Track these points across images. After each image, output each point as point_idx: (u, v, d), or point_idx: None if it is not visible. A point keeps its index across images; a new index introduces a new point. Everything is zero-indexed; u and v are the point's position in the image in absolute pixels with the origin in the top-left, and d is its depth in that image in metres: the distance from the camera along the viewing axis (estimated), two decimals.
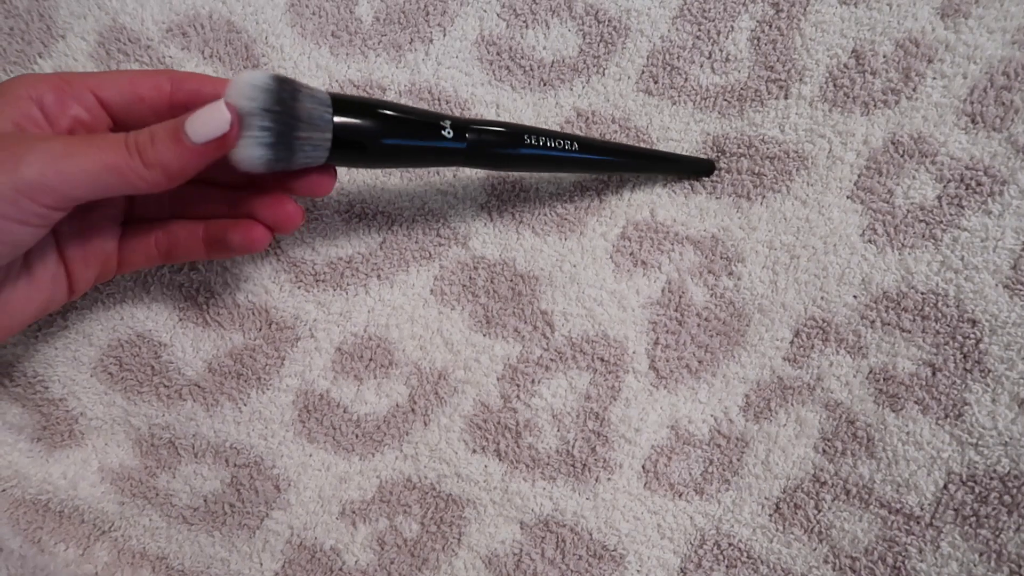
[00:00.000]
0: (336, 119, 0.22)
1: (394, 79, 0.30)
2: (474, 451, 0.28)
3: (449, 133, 0.25)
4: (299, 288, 0.29)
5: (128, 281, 0.29)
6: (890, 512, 0.26)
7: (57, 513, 0.28)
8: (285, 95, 0.22)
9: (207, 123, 0.21)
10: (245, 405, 0.29)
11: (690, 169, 0.30)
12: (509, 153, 0.26)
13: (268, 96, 0.21)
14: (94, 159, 0.20)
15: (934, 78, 0.29)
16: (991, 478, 0.25)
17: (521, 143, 0.26)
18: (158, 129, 0.21)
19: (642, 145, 0.30)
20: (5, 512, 0.28)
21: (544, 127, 0.29)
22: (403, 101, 0.30)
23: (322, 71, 0.30)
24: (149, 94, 0.23)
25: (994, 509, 0.25)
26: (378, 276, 0.29)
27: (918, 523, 0.26)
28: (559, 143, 0.27)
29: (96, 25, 0.30)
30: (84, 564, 0.28)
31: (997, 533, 0.25)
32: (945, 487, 0.26)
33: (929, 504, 0.26)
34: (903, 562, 0.25)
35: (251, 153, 0.22)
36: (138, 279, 0.29)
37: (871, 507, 0.26)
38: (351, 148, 0.23)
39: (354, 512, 0.28)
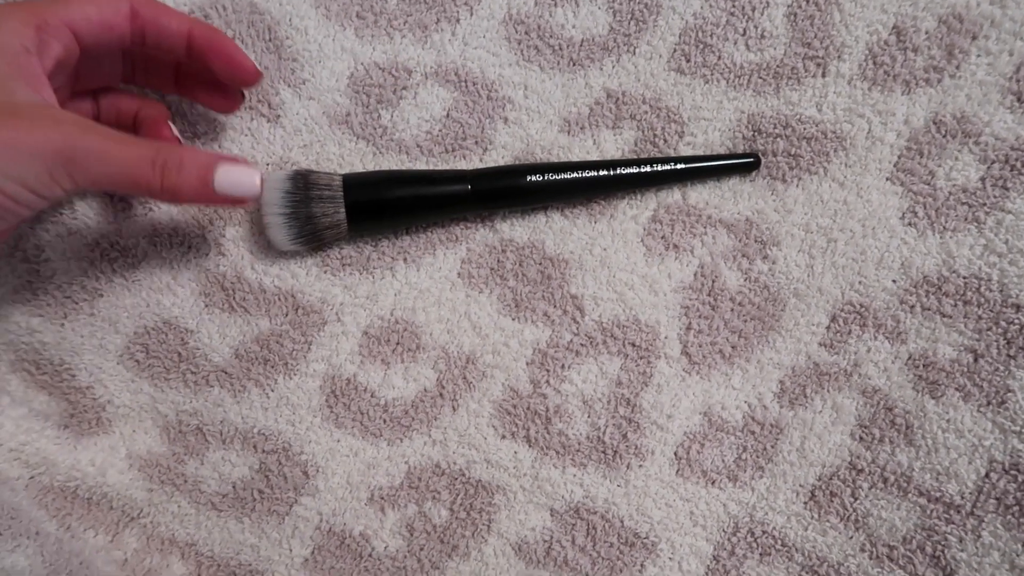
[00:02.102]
0: (349, 195, 0.28)
1: (420, 60, 0.32)
2: (503, 437, 0.30)
3: (455, 184, 0.29)
4: (325, 272, 0.31)
5: (154, 267, 0.30)
6: (929, 501, 0.27)
7: (86, 500, 0.30)
8: (300, 186, 0.28)
9: (238, 184, 0.24)
10: (272, 391, 0.30)
11: (732, 170, 0.31)
12: (517, 184, 0.30)
13: (287, 189, 0.28)
14: (121, 167, 0.23)
15: (978, 55, 0.30)
16: None
17: (524, 175, 0.30)
18: (188, 162, 0.24)
19: (672, 153, 0.31)
20: (35, 499, 0.30)
21: (561, 161, 0.31)
22: (429, 84, 0.32)
23: (347, 53, 0.31)
24: (116, 21, 0.25)
25: None
26: (404, 259, 0.31)
27: (959, 512, 0.27)
28: (577, 169, 0.30)
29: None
30: (113, 550, 0.30)
31: None
32: (987, 475, 0.27)
33: (970, 493, 0.27)
34: (943, 551, 0.27)
35: (277, 234, 0.29)
36: (164, 265, 0.30)
37: (910, 495, 0.28)
38: (366, 213, 0.29)
39: (383, 498, 0.30)
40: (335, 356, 0.30)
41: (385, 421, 0.30)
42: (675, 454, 0.30)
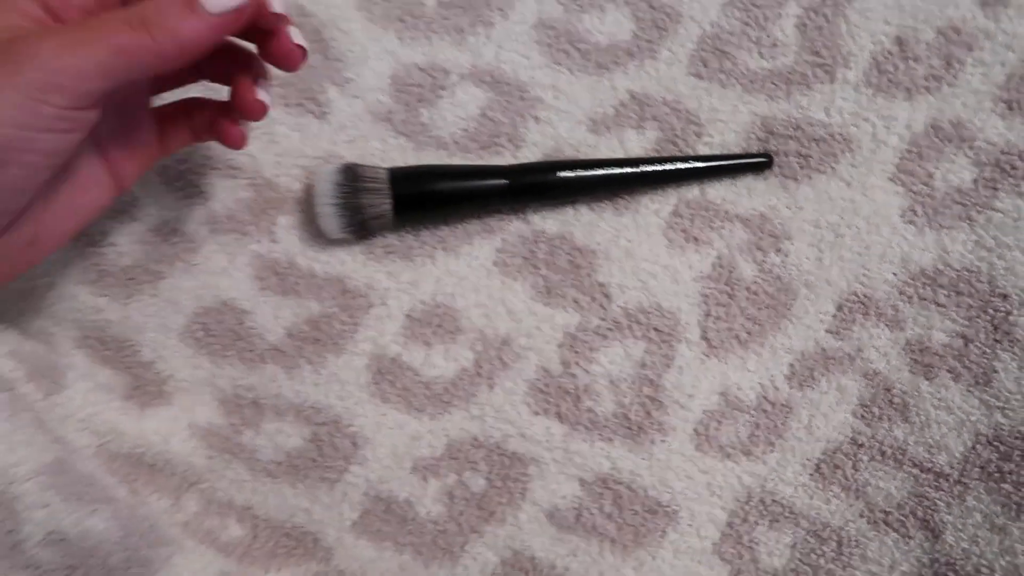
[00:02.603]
0: (394, 188, 0.31)
1: (456, 62, 0.34)
2: (536, 413, 0.33)
3: (492, 178, 0.32)
4: (371, 259, 0.34)
5: (212, 252, 0.33)
6: (921, 471, 0.31)
7: (150, 466, 0.33)
8: (350, 178, 0.31)
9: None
10: (323, 368, 0.33)
11: (747, 168, 0.34)
12: (550, 179, 0.33)
13: (337, 181, 0.31)
14: (99, 46, 0.20)
15: (974, 65, 0.33)
16: (1015, 438, 0.30)
17: (557, 169, 0.33)
18: (164, 1, 0.21)
19: (691, 152, 0.34)
20: (103, 465, 0.33)
21: (589, 158, 0.34)
22: (465, 84, 0.34)
23: (389, 55, 0.34)
24: None
25: (1016, 466, 0.29)
26: (444, 248, 0.34)
27: (947, 480, 0.30)
28: (604, 166, 0.33)
29: None
30: (176, 513, 0.33)
31: (1019, 487, 0.29)
32: (973, 447, 0.30)
33: (958, 463, 0.30)
34: (931, 515, 0.30)
35: (328, 223, 0.32)
36: (221, 250, 0.33)
37: (904, 466, 0.31)
38: (410, 204, 0.32)
39: (425, 468, 0.33)
40: (380, 337, 0.33)
41: (427, 397, 0.33)
42: (695, 430, 0.33)
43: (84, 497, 0.30)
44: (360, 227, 0.32)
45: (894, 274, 0.33)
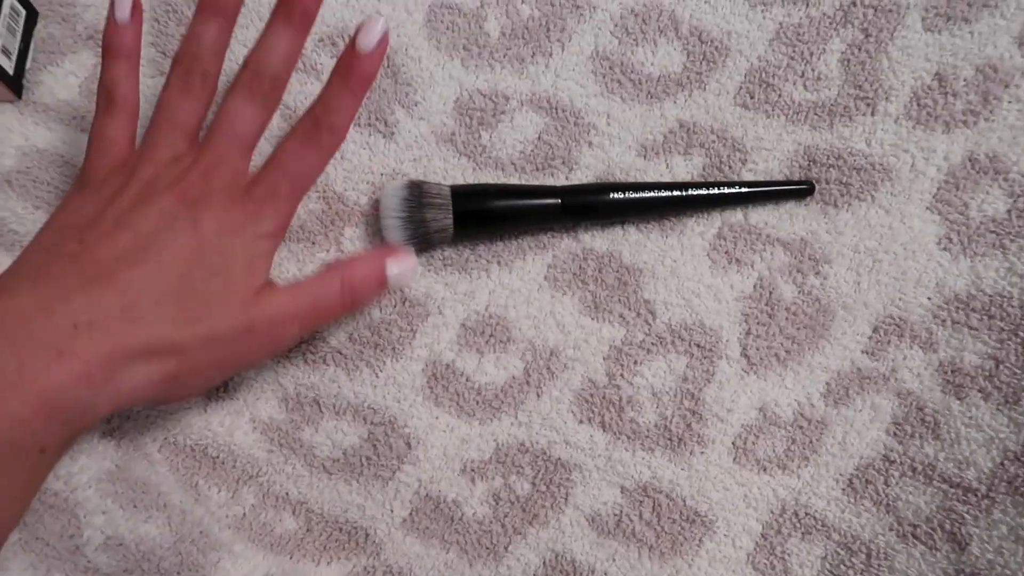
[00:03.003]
0: (456, 204, 0.39)
1: (516, 89, 0.42)
2: (581, 421, 0.40)
3: (547, 197, 0.40)
4: (430, 270, 0.41)
5: (282, 259, 0.41)
6: (950, 486, 0.37)
7: (212, 458, 0.40)
8: (415, 194, 0.39)
9: (405, 275, 0.36)
10: (381, 371, 0.40)
11: (789, 195, 0.41)
12: (601, 200, 0.39)
13: (404, 196, 0.39)
14: (314, 325, 0.37)
15: (1010, 102, 0.39)
16: None
17: (607, 192, 0.40)
18: (370, 286, 0.36)
19: (736, 179, 0.41)
20: (167, 460, 0.40)
21: (641, 181, 0.41)
22: (524, 110, 0.42)
23: (454, 81, 0.42)
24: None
25: None
26: (498, 262, 0.41)
27: (975, 494, 0.36)
28: (652, 189, 0.40)
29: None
30: (234, 506, 0.40)
31: None
32: (1001, 463, 0.36)
33: (986, 478, 0.36)
34: (959, 527, 0.36)
35: (393, 236, 0.39)
36: (291, 258, 0.41)
37: (934, 482, 0.37)
38: (470, 220, 0.39)
39: (473, 470, 0.40)
40: (436, 344, 0.40)
41: (478, 403, 0.40)
42: (733, 443, 0.39)
43: (139, 504, 0.37)
44: (422, 240, 0.39)
45: (929, 298, 0.39)
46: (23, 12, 0.42)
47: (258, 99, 0.35)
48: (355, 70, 0.33)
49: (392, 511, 0.39)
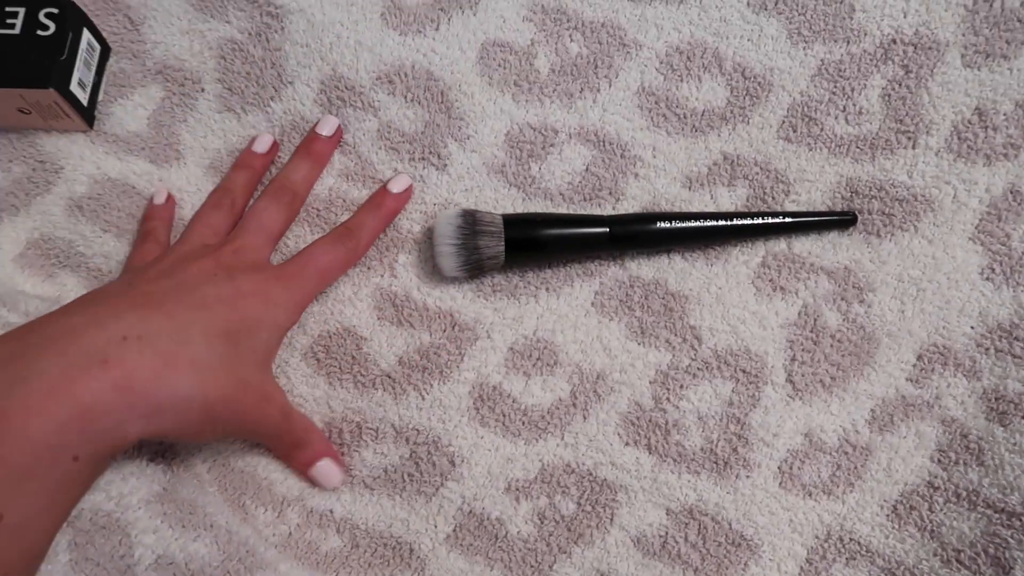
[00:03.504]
0: (507, 232, 0.47)
1: (565, 123, 0.52)
2: (627, 444, 0.48)
3: (595, 226, 0.48)
4: (479, 296, 0.50)
5: (341, 283, 0.50)
6: (995, 511, 0.43)
7: (257, 482, 0.48)
8: (469, 222, 0.47)
9: (327, 478, 0.48)
10: (427, 394, 0.49)
11: (832, 225, 0.49)
12: (648, 229, 0.48)
13: (458, 224, 0.47)
14: (285, 442, 0.48)
15: None
16: None
17: (654, 221, 0.48)
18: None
19: (780, 208, 0.49)
20: (216, 479, 0.49)
21: (687, 211, 0.49)
22: (572, 143, 0.51)
23: (505, 115, 0.52)
24: None
25: None
26: (547, 289, 0.50)
27: (1019, 519, 0.43)
28: (697, 219, 0.48)
29: (319, 75, 0.52)
30: (279, 525, 0.49)
31: None
32: None
33: None
34: (1003, 552, 0.43)
35: (446, 262, 0.47)
36: (347, 281, 0.50)
37: (978, 508, 0.44)
38: (521, 248, 0.48)
39: (518, 489, 0.48)
40: (484, 367, 0.49)
41: (524, 423, 0.48)
42: (779, 468, 0.47)
43: (188, 523, 0.44)
44: (475, 266, 0.48)
45: (972, 327, 0.47)
46: (98, 47, 0.53)
47: (283, 204, 0.49)
48: (385, 205, 0.50)
49: (436, 526, 0.47)
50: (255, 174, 0.52)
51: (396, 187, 0.50)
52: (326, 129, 0.51)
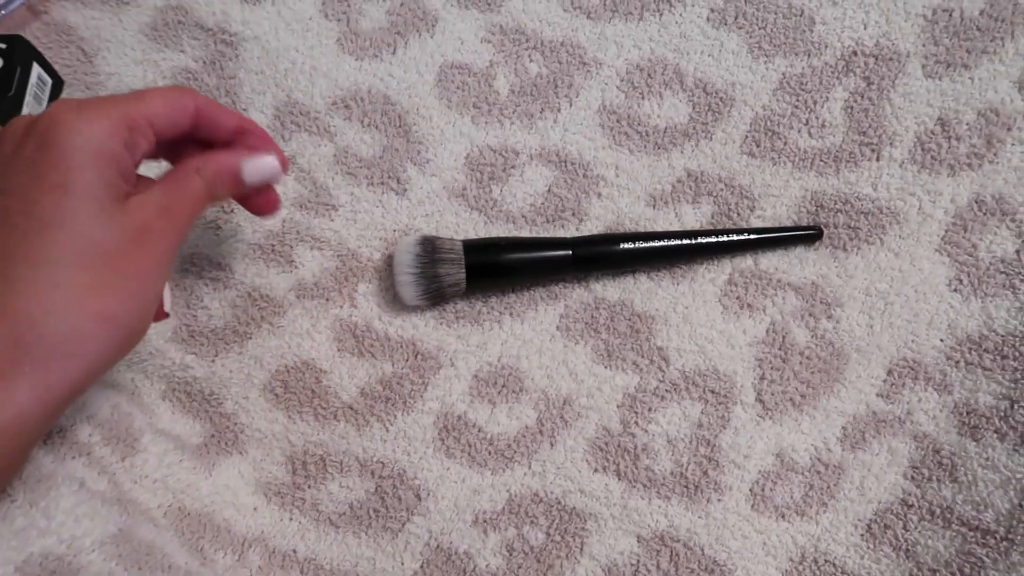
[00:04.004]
0: (468, 258, 0.47)
1: (526, 144, 0.51)
2: (596, 470, 0.47)
3: (558, 249, 0.48)
4: (442, 324, 0.50)
5: (297, 315, 0.50)
6: (969, 529, 0.43)
7: (216, 525, 0.48)
8: (428, 249, 0.46)
9: (262, 171, 0.40)
10: (392, 425, 0.48)
11: (798, 240, 0.49)
12: (612, 250, 0.48)
13: (417, 252, 0.47)
14: (193, 214, 0.38)
15: (1013, 144, 0.48)
16: None
17: (617, 242, 0.48)
18: (223, 180, 0.39)
19: (745, 225, 0.49)
20: (172, 524, 0.48)
21: (650, 231, 0.49)
22: (534, 164, 0.51)
23: (464, 137, 0.52)
24: (182, 118, 0.38)
25: None
26: (510, 314, 0.49)
27: (994, 537, 0.43)
28: (662, 238, 0.48)
29: (273, 101, 0.52)
30: (240, 569, 0.48)
31: None
32: (1019, 504, 0.43)
33: (1004, 519, 0.43)
34: (978, 571, 0.42)
35: (407, 291, 0.47)
36: (305, 314, 0.50)
37: (952, 525, 0.44)
38: (482, 273, 0.47)
39: (486, 521, 0.47)
40: (448, 396, 0.49)
41: (490, 453, 0.48)
42: (750, 490, 0.47)
43: (145, 565, 0.44)
44: (436, 294, 0.48)
45: (941, 340, 0.46)
46: (49, 81, 0.53)
47: None
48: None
49: (403, 563, 0.47)
50: None
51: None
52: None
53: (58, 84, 0.54)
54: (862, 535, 0.45)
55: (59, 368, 0.34)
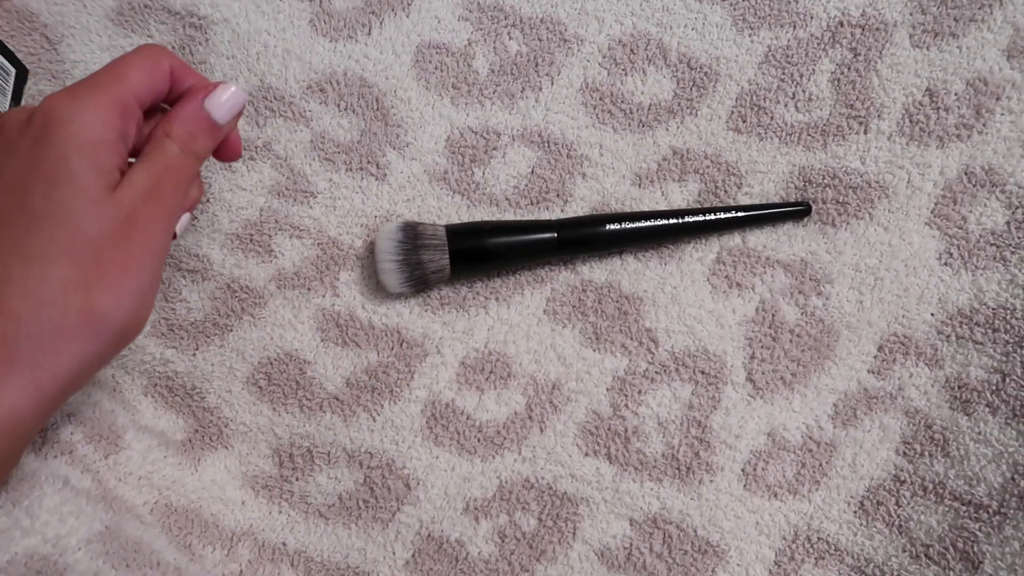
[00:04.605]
0: (451, 243, 0.47)
1: (508, 124, 0.51)
2: (586, 454, 0.48)
3: (542, 232, 0.48)
4: (427, 310, 0.49)
5: (278, 306, 0.50)
6: (962, 503, 0.44)
7: (205, 520, 0.48)
8: (410, 236, 0.46)
9: (232, 104, 0.39)
10: (379, 415, 0.49)
11: (786, 216, 0.49)
12: (597, 232, 0.48)
13: (399, 238, 0.47)
14: (182, 185, 0.38)
15: (1002, 113, 0.48)
16: None
17: (603, 224, 0.48)
18: (196, 130, 0.38)
19: (732, 203, 0.49)
20: (159, 521, 0.48)
21: (634, 211, 0.49)
22: (516, 145, 0.51)
23: (444, 119, 0.51)
24: (162, 86, 0.38)
25: None
26: (496, 298, 0.49)
27: (986, 511, 0.43)
28: (648, 218, 0.48)
29: (246, 86, 0.52)
30: (230, 563, 0.48)
31: None
32: (1012, 478, 0.43)
33: (997, 493, 0.43)
34: (971, 546, 0.43)
35: (389, 279, 0.47)
36: (287, 304, 0.50)
37: (945, 500, 0.44)
38: (466, 259, 0.47)
39: (477, 508, 0.47)
40: (435, 384, 0.49)
41: (479, 440, 0.48)
42: (742, 470, 0.47)
43: (133, 563, 0.44)
44: (419, 281, 0.48)
45: (932, 314, 0.47)
46: (13, 71, 0.52)
47: None
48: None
49: (394, 553, 0.47)
50: None
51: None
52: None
53: (22, 73, 0.53)
54: (855, 512, 0.46)
55: (49, 366, 0.34)
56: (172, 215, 0.38)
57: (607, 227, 0.48)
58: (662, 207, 0.50)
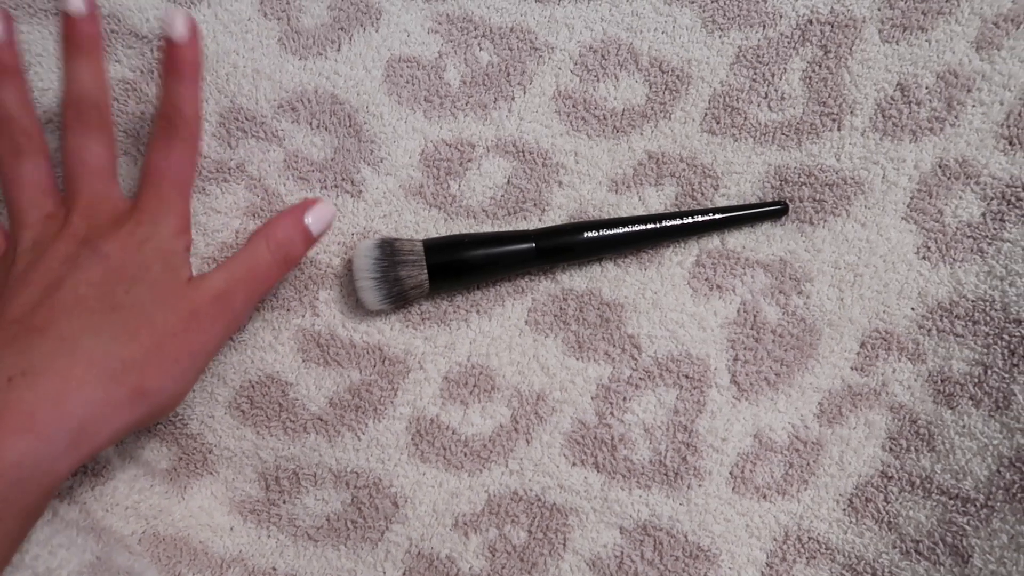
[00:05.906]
0: (429, 258, 0.48)
1: (481, 136, 0.52)
2: (574, 464, 0.49)
3: (521, 243, 0.49)
4: (408, 326, 0.51)
5: (258, 329, 0.51)
6: (949, 497, 0.45)
7: (192, 548, 0.49)
8: (387, 252, 0.48)
9: (324, 219, 0.47)
10: (363, 434, 0.50)
11: (764, 217, 0.51)
12: (575, 240, 0.49)
13: (376, 256, 0.48)
14: (257, 293, 0.45)
15: (974, 106, 0.49)
16: None
17: (581, 232, 0.49)
18: (295, 238, 0.46)
19: (709, 205, 0.51)
20: (148, 550, 0.49)
21: (612, 217, 0.50)
22: (491, 156, 0.52)
23: (417, 133, 0.52)
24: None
25: None
26: (477, 311, 0.51)
27: (973, 504, 0.45)
28: (627, 224, 0.49)
29: (217, 107, 0.53)
30: None
31: None
32: (997, 470, 0.45)
33: (983, 486, 0.45)
34: (960, 540, 0.44)
35: (368, 297, 0.48)
36: (267, 326, 0.51)
37: (932, 495, 0.46)
38: (445, 273, 0.48)
39: (466, 524, 0.49)
40: (419, 400, 0.50)
41: (466, 455, 0.49)
42: (730, 473, 0.48)
43: None
44: (398, 298, 0.49)
45: (913, 309, 0.48)
46: None
47: (92, 130, 0.45)
48: (180, 60, 0.44)
49: (385, 573, 0.48)
50: (17, 77, 0.46)
51: (176, 32, 0.43)
52: (72, 7, 0.44)
53: None
54: (844, 510, 0.47)
55: (94, 429, 0.39)
56: (237, 319, 0.45)
57: (585, 235, 0.49)
58: (640, 212, 0.51)
